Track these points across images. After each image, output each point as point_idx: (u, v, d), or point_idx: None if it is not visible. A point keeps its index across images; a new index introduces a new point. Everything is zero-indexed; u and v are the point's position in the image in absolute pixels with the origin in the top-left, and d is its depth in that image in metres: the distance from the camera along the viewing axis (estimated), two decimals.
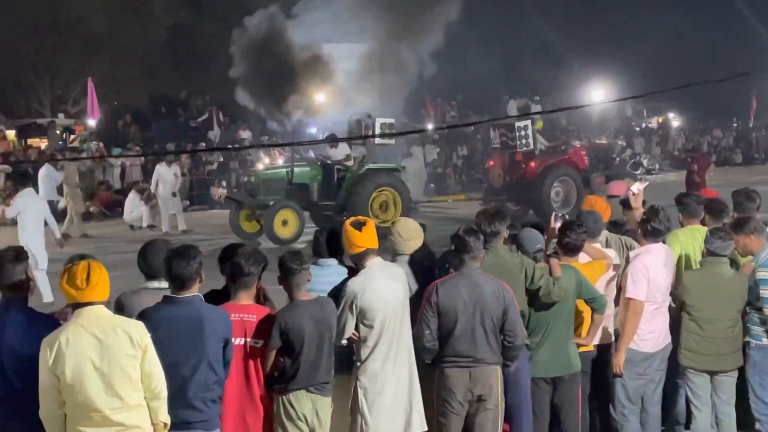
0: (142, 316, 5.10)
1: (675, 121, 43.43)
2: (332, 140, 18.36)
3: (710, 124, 45.69)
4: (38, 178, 19.36)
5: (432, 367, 5.99)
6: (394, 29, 24.65)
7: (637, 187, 7.95)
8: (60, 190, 20.01)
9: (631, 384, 6.80)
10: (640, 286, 6.67)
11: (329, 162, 19.12)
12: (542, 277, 6.26)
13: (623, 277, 6.87)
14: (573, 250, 6.63)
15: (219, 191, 19.40)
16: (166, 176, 20.62)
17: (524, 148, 20.59)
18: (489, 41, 33.96)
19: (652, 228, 6.85)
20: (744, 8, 37.99)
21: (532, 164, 20.66)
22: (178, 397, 5.02)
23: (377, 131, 19.03)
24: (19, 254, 5.29)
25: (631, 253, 7.01)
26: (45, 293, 11.72)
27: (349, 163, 19.06)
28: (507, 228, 6.50)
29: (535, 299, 6.33)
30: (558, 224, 6.94)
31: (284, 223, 17.77)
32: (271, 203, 17.82)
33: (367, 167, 18.96)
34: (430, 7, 23.86)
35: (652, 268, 6.73)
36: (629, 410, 6.84)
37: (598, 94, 35.18)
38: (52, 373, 4.65)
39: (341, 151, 19.43)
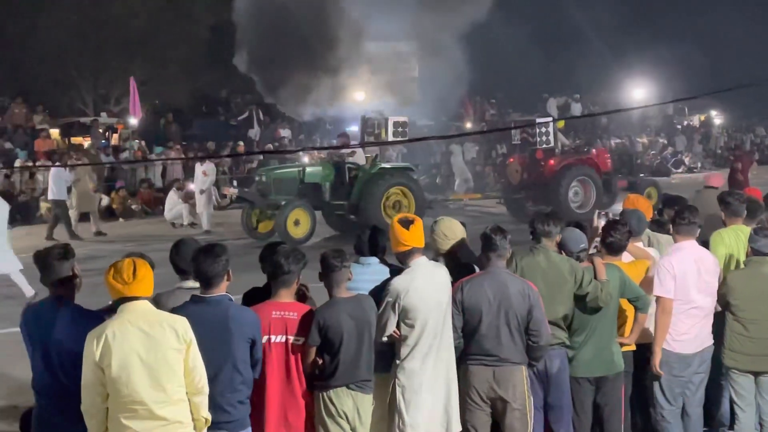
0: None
1: (717, 118, 42.91)
2: (345, 145, 18.21)
3: (753, 122, 45.08)
4: (49, 178, 19.60)
5: (457, 364, 5.98)
6: (432, 27, 24.63)
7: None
8: (69, 190, 19.86)
9: (668, 384, 6.71)
10: (667, 284, 6.56)
11: (341, 161, 18.95)
12: (590, 283, 6.22)
13: None
14: (617, 249, 6.57)
15: (230, 191, 19.34)
16: (197, 174, 20.77)
17: (544, 146, 20.46)
18: (529, 39, 33.78)
19: (685, 222, 6.77)
20: None
21: (551, 162, 20.50)
22: None
23: (390, 130, 18.75)
24: (66, 251, 5.38)
25: (666, 253, 6.95)
26: (25, 289, 12.05)
27: (362, 162, 18.83)
28: (560, 231, 6.44)
29: (581, 302, 6.29)
30: (601, 223, 6.88)
31: (296, 223, 17.68)
32: (283, 203, 17.75)
33: (379, 166, 18.70)
34: (467, 5, 23.83)
35: (679, 265, 6.61)
36: (667, 411, 6.75)
37: (640, 92, 34.86)
38: (97, 366, 4.70)
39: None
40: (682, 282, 6.59)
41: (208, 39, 32.82)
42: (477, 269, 6.32)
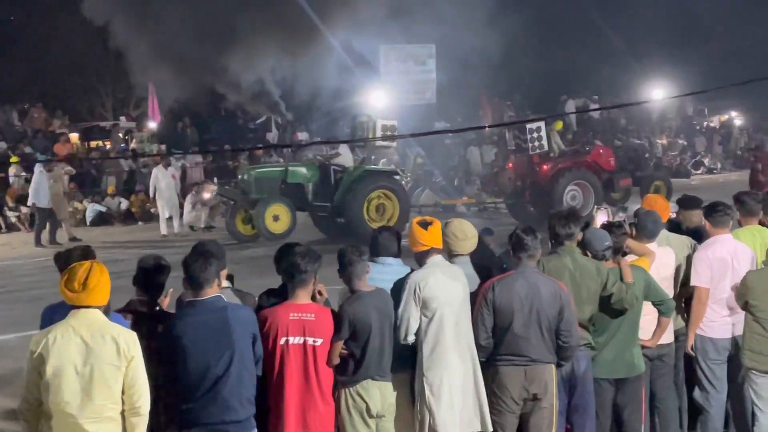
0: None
1: (738, 119, 42.55)
2: (327, 141, 18.23)
3: None
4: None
5: (486, 365, 5.95)
6: (450, 30, 24.63)
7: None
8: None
9: (707, 368, 6.82)
10: (702, 274, 6.74)
11: (326, 162, 18.86)
12: (615, 284, 6.18)
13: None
14: (615, 252, 6.48)
15: (210, 188, 19.36)
16: (162, 179, 20.76)
17: (537, 151, 20.05)
18: (548, 40, 33.67)
19: (719, 213, 6.86)
20: None
21: (545, 168, 20.05)
22: (212, 398, 5.06)
23: (378, 132, 18.57)
24: (87, 253, 5.44)
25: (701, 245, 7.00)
26: None
27: (349, 164, 18.73)
28: (581, 230, 6.39)
29: (604, 303, 6.24)
30: (599, 217, 6.87)
31: (275, 218, 17.64)
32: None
33: (363, 168, 18.56)
34: (486, 8, 23.80)
35: (714, 255, 6.76)
36: (711, 395, 6.82)
37: (659, 93, 34.66)
38: (35, 368, 4.64)
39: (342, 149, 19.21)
40: (716, 273, 6.73)
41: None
42: (494, 272, 6.31)
